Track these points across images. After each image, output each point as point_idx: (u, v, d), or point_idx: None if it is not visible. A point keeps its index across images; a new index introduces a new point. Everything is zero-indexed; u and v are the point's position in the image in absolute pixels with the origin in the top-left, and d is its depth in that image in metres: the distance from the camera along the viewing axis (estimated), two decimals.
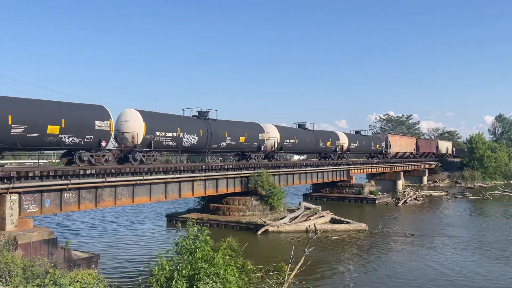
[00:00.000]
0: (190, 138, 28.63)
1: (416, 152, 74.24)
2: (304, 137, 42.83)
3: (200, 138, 29.55)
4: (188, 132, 28.59)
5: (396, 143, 66.08)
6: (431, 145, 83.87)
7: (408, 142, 71.85)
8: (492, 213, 41.18)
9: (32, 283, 10.41)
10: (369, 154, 59.97)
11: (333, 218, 33.72)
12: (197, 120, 30.79)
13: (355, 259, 23.00)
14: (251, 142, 34.91)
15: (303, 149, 44.07)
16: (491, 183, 72.50)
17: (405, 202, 47.69)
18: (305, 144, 42.92)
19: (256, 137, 35.61)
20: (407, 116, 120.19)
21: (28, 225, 18.40)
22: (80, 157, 22.06)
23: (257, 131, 36.09)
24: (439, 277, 19.64)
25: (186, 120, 29.90)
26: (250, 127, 35.77)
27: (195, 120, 30.74)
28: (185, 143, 28.37)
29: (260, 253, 23.40)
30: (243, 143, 33.78)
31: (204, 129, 30.09)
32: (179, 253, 11.14)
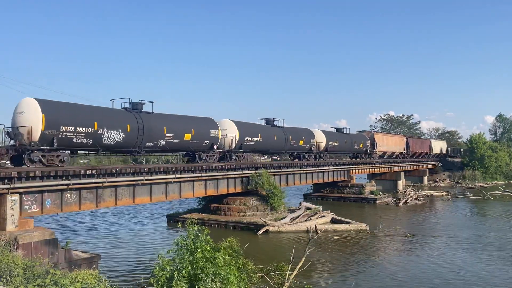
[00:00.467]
0: (113, 134, 23.65)
1: (407, 152, 70.17)
2: (270, 135, 38.21)
3: (128, 134, 24.60)
4: (110, 127, 23.50)
5: (383, 142, 61.99)
6: (424, 145, 79.69)
7: (396, 141, 67.81)
8: (493, 213, 41.14)
9: (32, 283, 10.41)
10: (352, 154, 55.99)
11: (333, 218, 33.71)
12: (124, 113, 25.62)
13: (355, 259, 22.99)
14: (200, 140, 29.97)
15: (270, 148, 38.92)
16: (491, 183, 72.46)
17: (406, 202, 47.68)
18: (272, 143, 38.39)
19: (207, 134, 30.65)
20: (407, 116, 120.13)
21: (29, 225, 18.41)
22: None
23: (209, 127, 31.01)
24: (440, 277, 19.63)
25: (107, 113, 24.45)
26: (199, 122, 30.68)
27: (121, 112, 25.53)
28: (106, 141, 23.40)
29: (260, 253, 23.39)
30: (189, 141, 28.95)
31: (134, 124, 25.03)
32: (179, 253, 11.14)
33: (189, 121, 30.03)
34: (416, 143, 75.44)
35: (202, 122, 31.11)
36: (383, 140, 62.43)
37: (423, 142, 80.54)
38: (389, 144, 64.30)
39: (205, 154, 30.86)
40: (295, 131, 42.78)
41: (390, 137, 67.18)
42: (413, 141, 74.68)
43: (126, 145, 24.92)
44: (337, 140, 49.11)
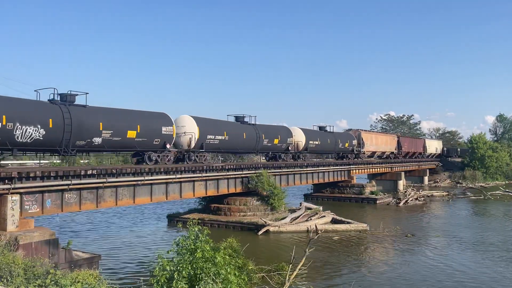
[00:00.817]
0: (29, 131, 19.80)
1: (398, 152, 66.23)
2: (238, 133, 34.02)
3: (51, 131, 20.72)
4: (25, 122, 19.63)
5: (372, 142, 57.82)
6: (417, 144, 76.10)
7: (387, 141, 63.61)
8: (493, 213, 41.15)
9: (33, 283, 10.42)
10: (336, 154, 51.88)
11: (334, 218, 33.71)
12: (46, 105, 21.70)
13: (356, 259, 22.99)
14: (149, 139, 26.31)
15: (238, 147, 34.32)
16: (492, 183, 72.43)
17: (406, 202, 47.68)
18: (241, 142, 34.19)
19: (159, 132, 26.88)
20: (408, 116, 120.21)
21: (30, 226, 18.42)
22: None
23: (160, 124, 27.18)
24: (440, 277, 19.62)
25: (21, 105, 20.22)
26: (147, 118, 26.79)
27: (42, 105, 21.56)
28: (20, 138, 19.54)
29: (261, 253, 23.40)
30: (134, 139, 25.24)
31: (59, 118, 21.12)
32: (179, 253, 11.14)
33: (134, 116, 25.90)
34: (409, 143, 71.75)
35: (152, 117, 27.25)
36: (371, 139, 58.14)
37: (416, 142, 76.64)
38: (379, 144, 60.15)
39: (157, 154, 27.32)
40: (269, 129, 38.49)
41: (380, 136, 62.84)
42: (405, 140, 71.07)
43: (49, 143, 21.09)
44: (318, 139, 44.78)
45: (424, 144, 79.57)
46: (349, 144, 51.61)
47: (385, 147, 62.43)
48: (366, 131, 58.66)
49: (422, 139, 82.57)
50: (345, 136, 52.32)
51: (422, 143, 79.57)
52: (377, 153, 60.63)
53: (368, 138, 56.74)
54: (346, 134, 53.54)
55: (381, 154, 62.34)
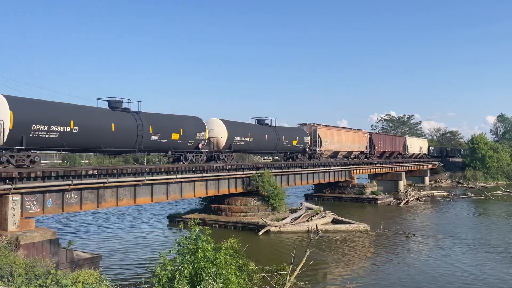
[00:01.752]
0: None
1: (370, 152, 57.43)
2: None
3: None
4: None
5: (333, 139, 47.67)
6: (396, 143, 67.14)
7: (354, 138, 53.20)
8: (494, 213, 41.11)
9: (34, 283, 10.42)
10: (280, 153, 41.23)
11: (334, 219, 33.70)
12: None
13: (356, 260, 22.97)
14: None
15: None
16: (493, 183, 72.39)
17: (407, 202, 47.65)
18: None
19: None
20: (408, 116, 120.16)
21: (30, 226, 18.42)
22: None
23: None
24: (440, 277, 19.60)
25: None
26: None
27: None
28: None
29: (261, 253, 23.39)
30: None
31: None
32: (181, 253, 11.15)
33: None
34: (385, 141, 63.02)
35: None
36: (332, 136, 47.77)
37: (394, 140, 67.69)
38: (343, 142, 50.17)
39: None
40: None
41: (344, 133, 51.54)
42: (379, 138, 61.92)
43: None
44: (249, 134, 34.51)
45: (405, 142, 70.83)
46: (299, 142, 41.23)
47: (352, 146, 52.61)
48: (326, 126, 47.69)
49: (402, 137, 72.29)
50: (293, 132, 41.56)
51: (403, 141, 70.59)
52: (341, 153, 51.02)
53: (327, 135, 46.71)
54: (295, 130, 42.97)
55: (347, 154, 52.88)
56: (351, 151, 52.88)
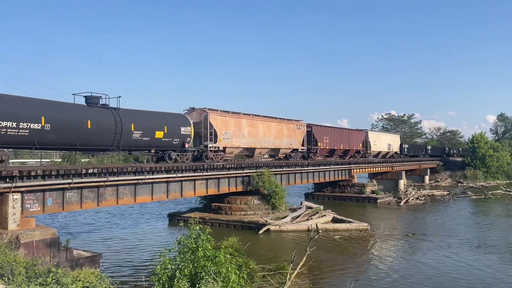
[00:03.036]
0: None
1: (310, 149, 43.81)
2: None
3: None
4: None
5: (239, 131, 33.33)
6: (352, 139, 53.29)
7: (281, 131, 38.75)
8: (494, 212, 41.12)
9: (34, 282, 10.41)
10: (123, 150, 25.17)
11: (334, 218, 33.71)
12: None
13: (356, 259, 22.99)
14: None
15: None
16: (493, 183, 72.38)
17: (407, 201, 47.66)
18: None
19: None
20: (409, 115, 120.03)
21: (31, 224, 18.42)
22: None
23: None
24: (441, 277, 19.61)
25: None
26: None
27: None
28: None
29: (262, 252, 23.41)
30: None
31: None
32: (181, 252, 11.15)
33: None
34: (334, 136, 48.68)
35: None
36: (238, 127, 33.35)
37: (350, 135, 52.90)
38: (259, 136, 35.77)
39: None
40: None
41: (262, 123, 36.52)
42: (324, 132, 46.84)
43: None
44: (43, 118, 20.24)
45: (366, 139, 57.59)
46: (171, 134, 26.87)
47: (279, 142, 38.38)
48: (228, 113, 33.13)
49: (361, 132, 57.51)
50: (157, 119, 26.53)
51: (363, 137, 56.87)
52: (259, 151, 36.37)
53: (229, 124, 32.32)
54: (163, 116, 27.29)
55: (271, 152, 38.92)
56: (277, 148, 38.48)
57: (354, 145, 53.42)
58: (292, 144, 40.68)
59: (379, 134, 65.66)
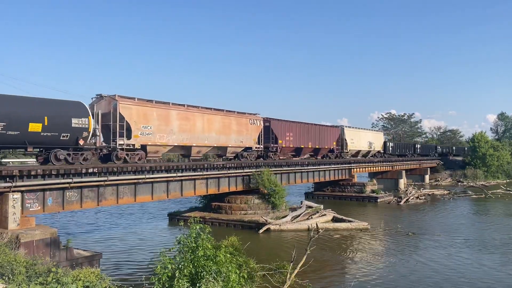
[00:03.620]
0: None
1: (269, 148, 37.61)
2: None
3: None
4: None
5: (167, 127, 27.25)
6: (324, 137, 46.23)
7: (228, 126, 32.39)
8: (494, 212, 41.10)
9: (34, 281, 10.40)
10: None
11: (335, 217, 33.71)
12: None
13: (356, 258, 22.98)
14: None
15: None
16: (493, 182, 72.33)
17: (407, 200, 47.64)
18: None
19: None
20: (409, 114, 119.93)
21: (31, 224, 18.43)
22: None
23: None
24: (441, 276, 19.60)
25: None
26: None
27: None
28: None
29: (262, 252, 23.40)
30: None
31: None
32: (181, 251, 11.14)
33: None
34: (299, 133, 41.74)
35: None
36: (165, 121, 27.16)
37: (321, 132, 45.70)
38: (196, 131, 29.23)
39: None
40: None
41: (195, 116, 29.52)
42: (287, 127, 39.82)
43: None
44: None
45: (341, 136, 50.92)
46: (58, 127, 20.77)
47: (223, 139, 31.72)
48: (142, 101, 26.35)
49: (335, 129, 50.35)
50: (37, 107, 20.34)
51: (337, 134, 49.81)
52: (196, 150, 29.69)
53: (148, 118, 26.02)
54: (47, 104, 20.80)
55: (214, 151, 32.42)
56: (223, 146, 32.17)
57: (326, 143, 47.11)
58: (244, 142, 34.25)
59: (357, 131, 57.05)
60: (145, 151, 26.03)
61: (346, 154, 51.94)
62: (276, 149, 38.62)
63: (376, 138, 62.85)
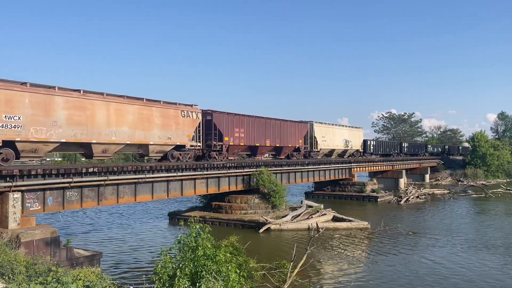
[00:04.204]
0: None
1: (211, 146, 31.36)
2: None
3: None
4: None
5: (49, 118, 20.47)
6: (286, 134, 39.98)
7: (147, 119, 25.97)
8: (494, 211, 41.08)
9: (35, 281, 10.40)
10: None
11: (335, 216, 33.70)
12: None
13: (356, 257, 22.98)
14: None
15: None
16: (493, 181, 72.33)
17: (407, 200, 47.64)
18: None
19: None
20: (409, 114, 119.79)
21: (31, 223, 18.44)
22: None
23: None
24: (442, 276, 19.60)
25: None
26: None
27: None
28: None
29: (262, 251, 23.39)
30: None
31: None
32: (181, 251, 11.15)
33: None
34: (252, 129, 35.52)
35: None
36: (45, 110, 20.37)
37: (282, 128, 39.41)
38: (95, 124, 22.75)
39: None
40: None
41: (96, 105, 23.02)
42: (236, 122, 33.70)
43: None
44: None
45: (309, 133, 44.49)
46: None
47: (140, 135, 25.55)
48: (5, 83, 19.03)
49: (304, 124, 43.67)
50: None
51: (304, 131, 43.33)
52: (102, 148, 23.63)
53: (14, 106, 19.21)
54: None
55: (129, 149, 26.72)
56: (142, 144, 25.95)
57: (290, 141, 40.89)
58: (174, 139, 27.81)
59: (331, 127, 49.75)
60: (14, 150, 19.45)
61: (316, 154, 46.08)
62: (221, 147, 32.02)
63: (354, 135, 55.68)
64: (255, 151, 37.33)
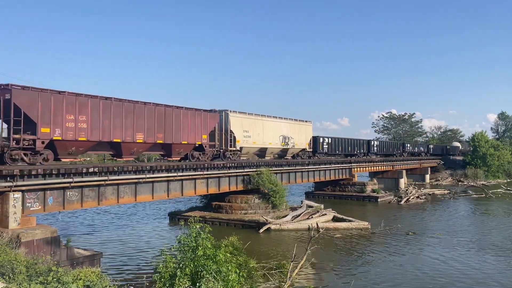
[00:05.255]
0: None
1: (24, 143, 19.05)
2: None
3: None
4: None
5: None
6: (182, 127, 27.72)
7: None
8: (494, 211, 41.08)
9: (35, 280, 10.42)
10: None
11: (335, 217, 33.70)
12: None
13: (357, 258, 22.99)
14: None
15: None
16: (494, 181, 72.31)
17: (408, 200, 47.63)
18: None
19: None
20: (409, 114, 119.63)
21: (31, 223, 18.45)
22: None
23: None
24: (442, 275, 19.61)
25: None
26: None
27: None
28: None
29: (262, 251, 23.42)
30: None
31: None
32: (181, 251, 11.16)
33: None
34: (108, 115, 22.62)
35: None
36: None
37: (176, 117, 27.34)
38: None
39: None
40: None
41: None
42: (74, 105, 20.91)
43: None
44: None
45: (223, 126, 33.09)
46: None
47: None
48: None
49: (214, 114, 31.54)
50: None
51: (213, 123, 31.48)
52: None
53: None
54: None
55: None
56: None
57: (190, 137, 28.80)
58: None
59: (259, 119, 37.32)
60: None
61: (236, 154, 33.94)
62: (34, 143, 19.65)
63: (298, 131, 43.18)
64: (118, 151, 24.36)
